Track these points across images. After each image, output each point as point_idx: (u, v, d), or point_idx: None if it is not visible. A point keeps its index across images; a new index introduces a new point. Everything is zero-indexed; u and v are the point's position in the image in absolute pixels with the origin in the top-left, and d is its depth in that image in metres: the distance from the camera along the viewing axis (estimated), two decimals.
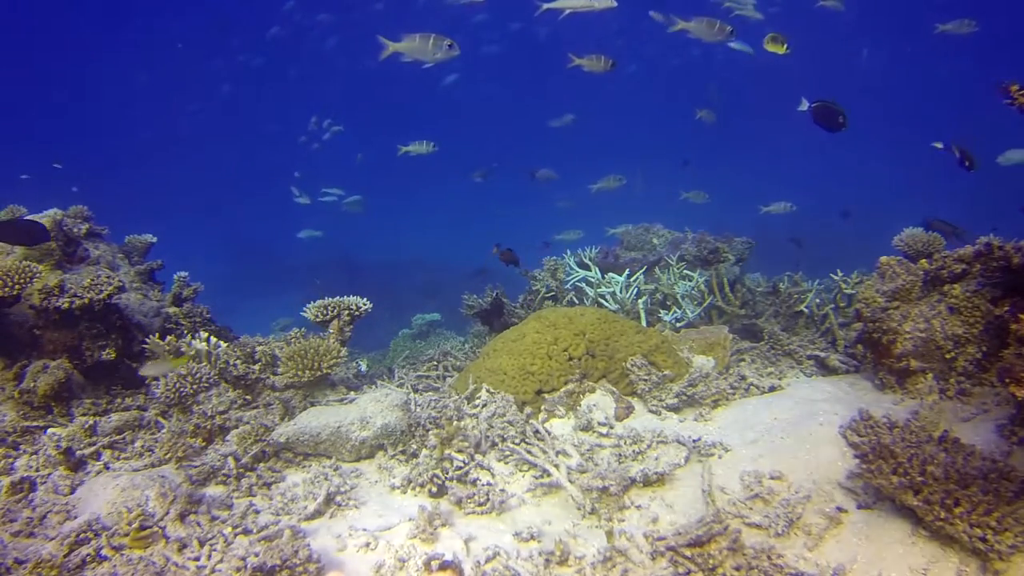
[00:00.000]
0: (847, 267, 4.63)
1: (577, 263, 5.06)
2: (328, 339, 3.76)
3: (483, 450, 3.03)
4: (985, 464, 2.16)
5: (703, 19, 4.73)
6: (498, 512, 2.61)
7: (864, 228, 10.73)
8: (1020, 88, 2.43)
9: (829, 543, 2.23)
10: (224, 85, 27.48)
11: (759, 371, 3.90)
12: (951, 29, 6.34)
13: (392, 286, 12.83)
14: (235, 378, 3.57)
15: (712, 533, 2.11)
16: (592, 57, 4.84)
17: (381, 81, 25.87)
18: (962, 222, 5.06)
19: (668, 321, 4.42)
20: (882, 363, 3.38)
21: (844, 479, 2.51)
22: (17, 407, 3.29)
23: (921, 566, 2.05)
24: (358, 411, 3.14)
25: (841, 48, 23.39)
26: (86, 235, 4.44)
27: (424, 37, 3.77)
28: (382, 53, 3.83)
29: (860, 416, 2.59)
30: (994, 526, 1.97)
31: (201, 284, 4.76)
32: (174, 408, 3.37)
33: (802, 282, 4.77)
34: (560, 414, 3.42)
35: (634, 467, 2.74)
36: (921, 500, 2.10)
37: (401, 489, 2.82)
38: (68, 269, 4.02)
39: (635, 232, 5.84)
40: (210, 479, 2.87)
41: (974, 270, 3.21)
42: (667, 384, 3.48)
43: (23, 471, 2.86)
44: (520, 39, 24.33)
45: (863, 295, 3.50)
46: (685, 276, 4.80)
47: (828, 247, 9.94)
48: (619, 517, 2.52)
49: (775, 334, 4.27)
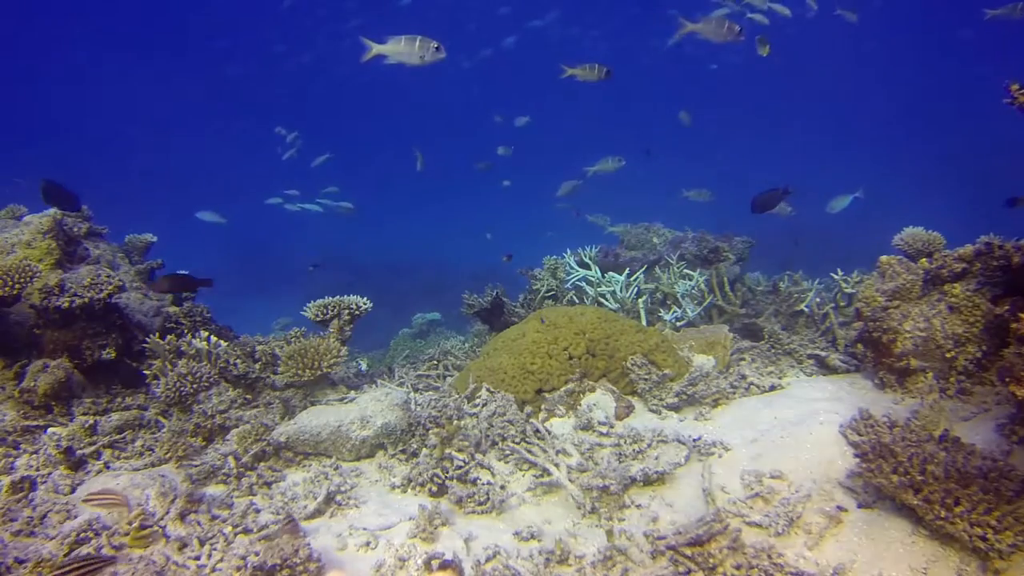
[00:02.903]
0: (841, 266, 4.63)
1: (577, 262, 5.06)
2: (328, 338, 3.76)
3: (483, 449, 3.03)
4: (985, 463, 2.16)
5: (711, 19, 4.72)
6: (498, 511, 2.61)
7: (863, 228, 10.73)
8: (1020, 88, 2.43)
9: (829, 542, 2.23)
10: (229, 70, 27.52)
11: (759, 370, 3.90)
12: (1001, 14, 6.26)
13: (392, 286, 12.83)
14: (235, 377, 3.57)
15: (712, 532, 2.11)
16: (585, 67, 4.82)
17: (381, 82, 25.98)
18: (962, 221, 5.05)
19: (668, 320, 4.42)
20: (882, 362, 3.38)
21: (844, 478, 2.51)
22: (17, 406, 3.28)
23: (921, 565, 2.05)
24: (358, 410, 3.14)
25: (840, 48, 23.42)
26: (86, 234, 4.44)
27: (410, 39, 3.70)
28: (365, 55, 3.76)
29: (860, 415, 2.59)
30: (994, 525, 1.97)
31: None
32: (174, 407, 3.37)
33: (802, 281, 4.77)
34: (560, 413, 3.42)
35: (634, 466, 2.74)
36: (921, 499, 2.10)
37: (401, 488, 2.82)
38: (68, 268, 4.02)
39: (635, 231, 5.83)
40: (210, 478, 2.87)
41: (974, 269, 3.21)
42: (667, 383, 3.48)
43: (23, 470, 2.86)
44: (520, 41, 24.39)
45: (863, 294, 3.50)
46: (685, 275, 4.80)
47: (826, 247, 9.94)
48: (619, 516, 2.52)
49: (775, 333, 4.27)
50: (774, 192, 4.47)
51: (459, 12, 26.21)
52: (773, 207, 4.57)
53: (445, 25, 26.06)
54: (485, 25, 25.84)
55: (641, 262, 5.21)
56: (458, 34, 26.12)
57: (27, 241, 3.92)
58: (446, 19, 26.09)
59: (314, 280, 12.16)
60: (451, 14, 26.19)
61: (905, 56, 25.21)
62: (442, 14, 25.78)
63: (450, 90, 27.59)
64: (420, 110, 29.00)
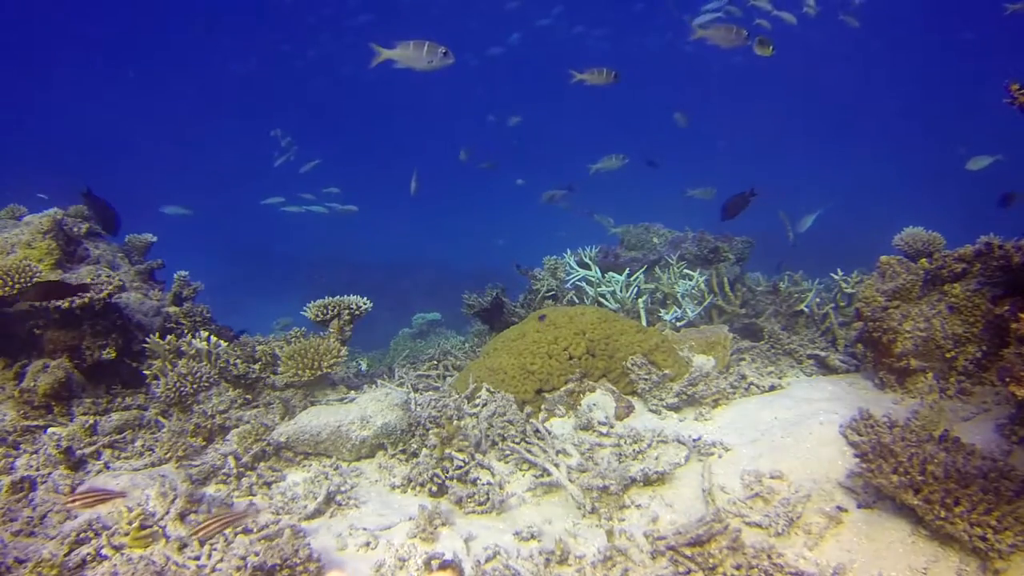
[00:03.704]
0: (837, 266, 4.63)
1: (577, 262, 5.06)
2: (328, 338, 3.76)
3: (483, 449, 3.03)
4: (985, 463, 2.16)
5: (720, 26, 4.83)
6: (498, 511, 2.61)
7: (864, 228, 10.74)
8: (1020, 87, 2.43)
9: (829, 542, 2.23)
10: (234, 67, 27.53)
11: (759, 370, 3.90)
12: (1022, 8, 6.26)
13: (392, 286, 12.83)
14: (235, 377, 3.57)
15: (712, 532, 2.11)
16: (594, 71, 4.85)
17: (382, 82, 26.01)
18: (959, 221, 5.06)
19: (668, 320, 4.41)
20: (882, 362, 3.38)
21: (844, 478, 2.51)
22: (17, 406, 3.29)
23: (921, 565, 2.05)
24: (358, 410, 3.14)
25: (840, 49, 23.44)
26: (86, 234, 4.44)
27: (418, 44, 3.74)
28: (373, 60, 3.81)
29: (860, 415, 2.59)
30: (994, 525, 1.97)
31: (201, 283, 4.76)
32: (174, 407, 3.37)
33: (802, 281, 4.77)
34: (560, 413, 3.42)
35: (634, 466, 2.74)
36: (921, 499, 2.11)
37: (401, 488, 2.82)
38: (68, 268, 4.02)
39: (635, 231, 5.83)
40: (210, 478, 2.87)
41: (974, 269, 3.21)
42: (667, 383, 3.48)
43: (23, 470, 2.86)
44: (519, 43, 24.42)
45: (863, 294, 3.50)
46: (685, 275, 4.80)
47: (826, 246, 9.93)
48: (619, 516, 2.52)
49: (775, 333, 4.27)
50: (741, 196, 4.53)
51: (463, 9, 26.23)
52: (741, 211, 4.65)
53: (449, 23, 26.11)
54: (490, 23, 25.87)
55: (641, 262, 5.21)
56: (462, 32, 26.14)
57: (27, 241, 3.92)
58: (450, 17, 26.13)
59: (314, 280, 12.16)
60: (454, 12, 26.23)
61: (905, 56, 25.23)
62: (444, 11, 25.85)
63: (454, 88, 27.59)
64: (419, 111, 29.05)
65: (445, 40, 3.74)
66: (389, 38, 3.76)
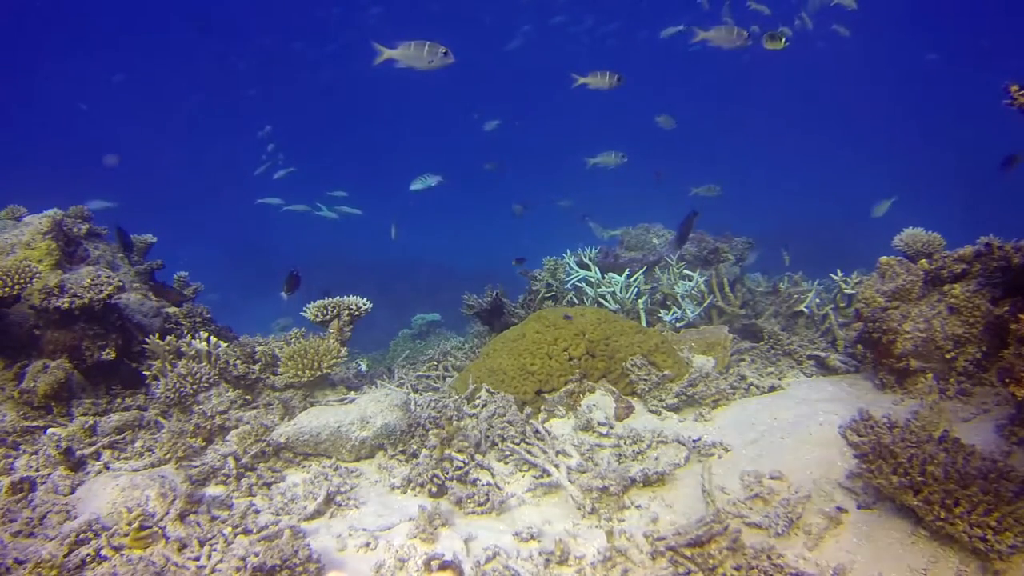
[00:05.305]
0: (834, 267, 4.64)
1: (577, 263, 5.06)
2: (328, 339, 3.76)
3: (483, 450, 3.03)
4: (985, 464, 2.15)
5: (721, 27, 4.86)
6: (498, 512, 2.61)
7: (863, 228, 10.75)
8: (1020, 88, 2.43)
9: (829, 543, 2.23)
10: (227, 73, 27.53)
11: (759, 371, 3.91)
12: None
13: (392, 286, 12.82)
14: (235, 378, 3.57)
15: (712, 533, 2.11)
16: (597, 74, 4.85)
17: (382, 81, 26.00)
18: (959, 221, 5.07)
19: (668, 321, 4.42)
20: (882, 363, 3.38)
21: (844, 479, 2.51)
22: (17, 407, 3.28)
23: (921, 566, 2.05)
24: (358, 411, 3.14)
25: (840, 50, 23.45)
26: (86, 235, 4.44)
27: (419, 44, 3.77)
28: (376, 59, 3.84)
29: (860, 416, 2.59)
30: (994, 526, 1.97)
31: (201, 284, 4.76)
32: (174, 408, 3.37)
33: (802, 282, 4.77)
34: (560, 414, 3.42)
35: (634, 467, 2.74)
36: (921, 500, 2.10)
37: (401, 489, 2.82)
38: (68, 269, 4.02)
39: (635, 232, 5.83)
40: (210, 479, 2.87)
41: (974, 270, 3.21)
42: (667, 384, 3.48)
43: (23, 471, 2.86)
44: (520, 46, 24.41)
45: (863, 295, 3.50)
46: (685, 276, 4.80)
47: (825, 246, 9.95)
48: (619, 517, 2.52)
49: (775, 334, 4.27)
50: (688, 218, 4.57)
51: (470, 5, 26.23)
52: (690, 232, 4.71)
53: (459, 18, 26.07)
54: (501, 18, 25.83)
55: (641, 263, 5.21)
56: (471, 28, 26.13)
57: (27, 242, 3.92)
58: (457, 14, 26.10)
59: (314, 281, 12.14)
60: (458, 10, 26.22)
61: (906, 56, 25.23)
62: (449, 8, 25.82)
63: (454, 88, 27.56)
64: (420, 109, 29.01)
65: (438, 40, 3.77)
66: (391, 38, 3.79)
